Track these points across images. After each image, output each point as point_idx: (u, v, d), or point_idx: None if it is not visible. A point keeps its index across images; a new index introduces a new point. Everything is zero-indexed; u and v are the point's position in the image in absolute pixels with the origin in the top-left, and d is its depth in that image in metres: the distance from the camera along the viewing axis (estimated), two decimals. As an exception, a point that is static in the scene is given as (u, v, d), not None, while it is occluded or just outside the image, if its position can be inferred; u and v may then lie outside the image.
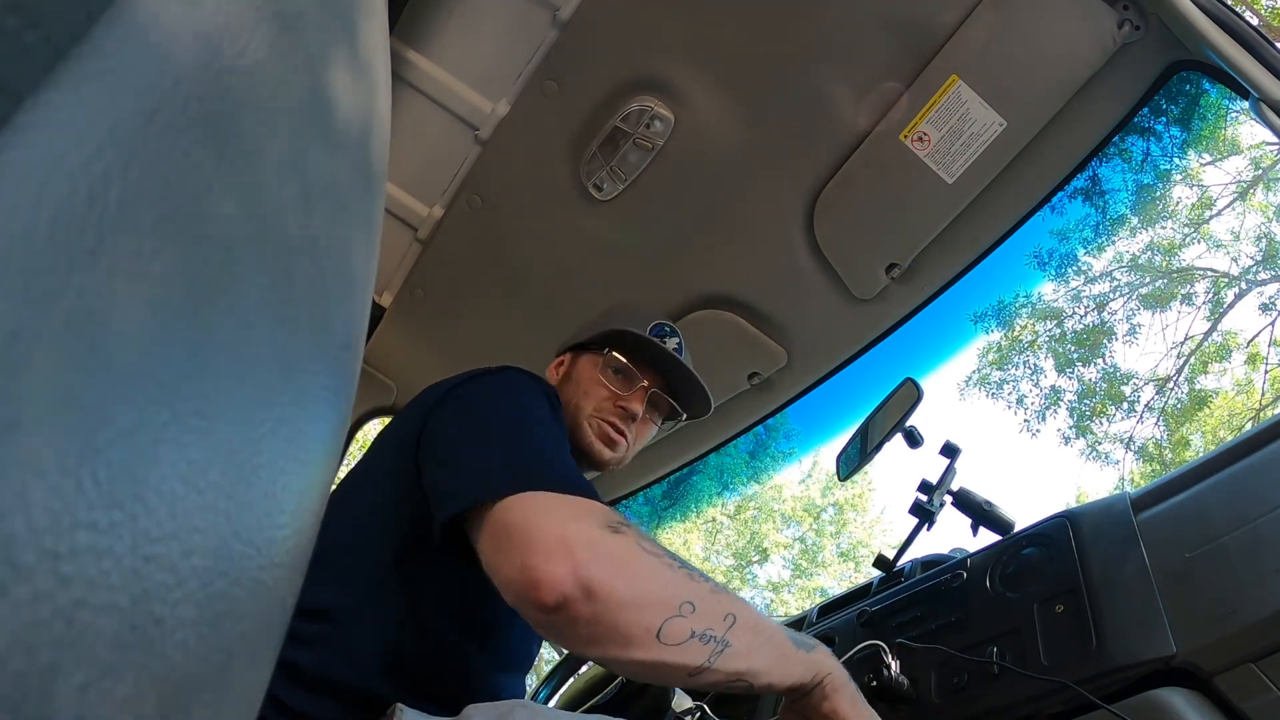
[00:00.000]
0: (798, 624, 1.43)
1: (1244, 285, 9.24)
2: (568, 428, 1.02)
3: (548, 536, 0.61)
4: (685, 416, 1.13)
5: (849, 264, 1.35)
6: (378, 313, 1.64)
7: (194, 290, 0.16)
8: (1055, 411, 10.20)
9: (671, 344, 1.08)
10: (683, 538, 12.62)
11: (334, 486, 0.80)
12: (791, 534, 13.28)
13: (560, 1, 1.19)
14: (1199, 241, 9.62)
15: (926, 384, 1.24)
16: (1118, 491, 1.05)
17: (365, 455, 0.91)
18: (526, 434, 0.76)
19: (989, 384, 10.63)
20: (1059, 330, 10.13)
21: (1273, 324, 8.79)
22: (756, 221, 1.35)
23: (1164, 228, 9.63)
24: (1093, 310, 9.98)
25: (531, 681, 1.27)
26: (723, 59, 1.19)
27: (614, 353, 1.05)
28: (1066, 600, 0.90)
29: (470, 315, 1.61)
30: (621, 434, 1.04)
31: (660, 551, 0.66)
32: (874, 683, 0.96)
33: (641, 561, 0.64)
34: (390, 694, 0.72)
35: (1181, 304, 9.60)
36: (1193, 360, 9.37)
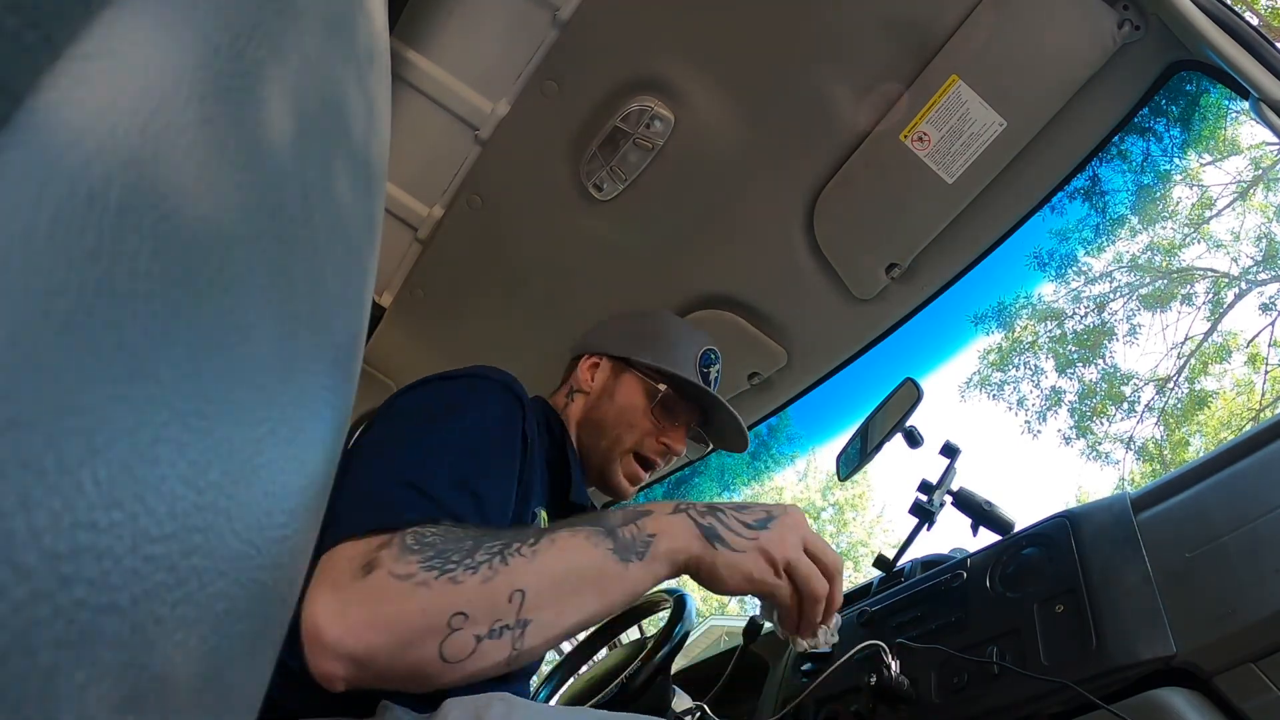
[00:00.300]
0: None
1: (1244, 285, 9.24)
2: (595, 449, 1.02)
3: (305, 625, 0.58)
4: (711, 447, 1.13)
5: (849, 264, 1.35)
6: (378, 313, 1.64)
7: (194, 290, 0.16)
8: (1055, 412, 10.21)
9: (715, 371, 1.08)
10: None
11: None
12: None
13: (560, 1, 1.19)
14: (1199, 241, 9.63)
15: (926, 384, 1.24)
16: (1118, 491, 1.05)
17: (344, 456, 0.90)
18: (401, 454, 0.71)
19: (990, 385, 10.64)
20: (1059, 331, 10.14)
21: (1273, 324, 8.79)
22: (756, 221, 1.35)
23: (1164, 228, 9.63)
24: (1093, 311, 9.99)
25: (533, 681, 1.27)
26: (723, 59, 1.19)
27: (672, 391, 1.04)
28: (1066, 600, 0.90)
29: (470, 315, 1.61)
30: (651, 469, 1.04)
31: (413, 568, 0.60)
32: (874, 683, 0.96)
33: (391, 597, 0.59)
34: (378, 692, 0.72)
35: (1181, 304, 9.61)
36: (1193, 361, 9.37)
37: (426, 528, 0.63)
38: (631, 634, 1.40)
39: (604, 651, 1.35)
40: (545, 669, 1.36)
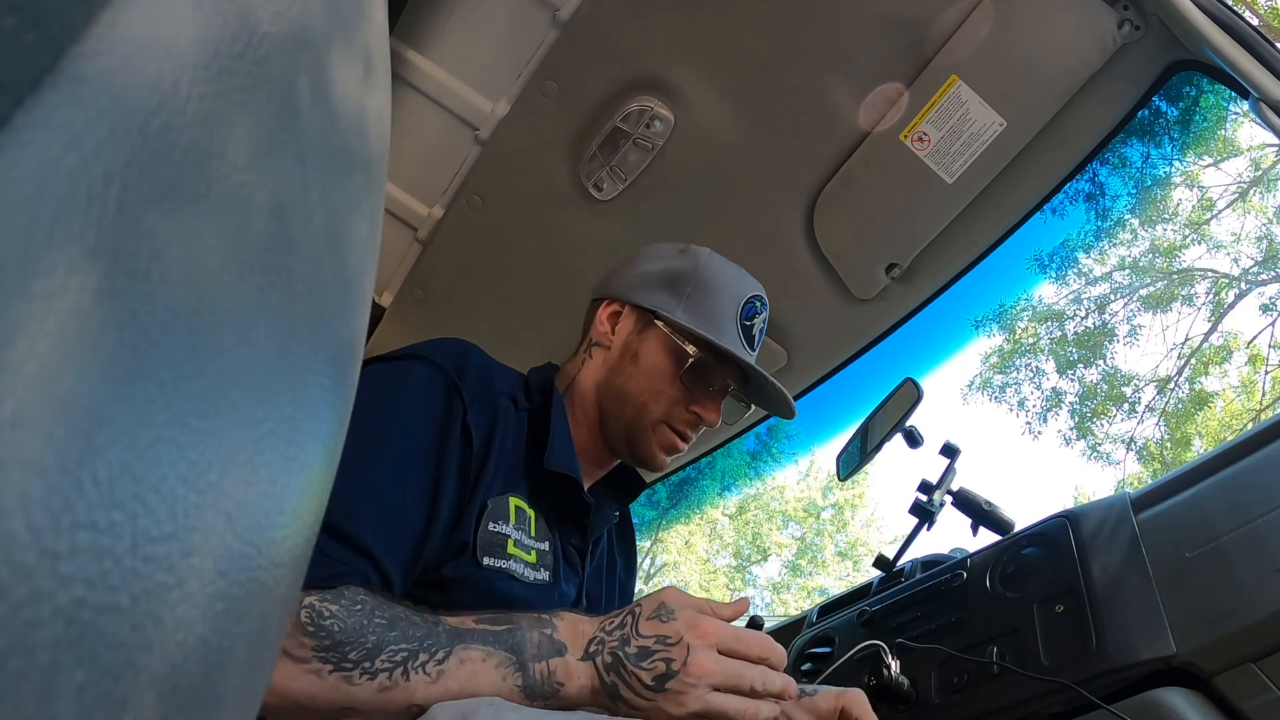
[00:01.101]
0: (797, 624, 1.43)
1: (1244, 286, 9.25)
2: (619, 419, 0.89)
3: None
4: (752, 409, 0.99)
5: (849, 264, 1.35)
6: (378, 313, 1.64)
7: (194, 290, 0.16)
8: (1056, 413, 10.22)
9: (759, 323, 0.95)
10: (684, 538, 12.65)
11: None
12: (790, 534, 13.33)
13: (560, 1, 1.19)
14: (1199, 243, 9.64)
15: (926, 385, 1.24)
16: (1118, 492, 1.05)
17: None
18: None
19: (991, 388, 10.66)
20: (1060, 332, 10.15)
21: (1273, 324, 8.80)
22: (756, 221, 1.35)
23: (1164, 229, 9.64)
24: (1094, 312, 10.00)
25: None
26: (723, 59, 1.19)
27: (705, 355, 0.88)
28: (1066, 600, 0.90)
29: (470, 315, 1.61)
30: (687, 440, 0.92)
31: (307, 653, 0.57)
32: (874, 683, 0.96)
33: (282, 672, 0.57)
34: None
35: (1182, 305, 9.62)
36: (1193, 361, 9.38)
37: (326, 604, 0.60)
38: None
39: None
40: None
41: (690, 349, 0.88)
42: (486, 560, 0.75)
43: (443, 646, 0.61)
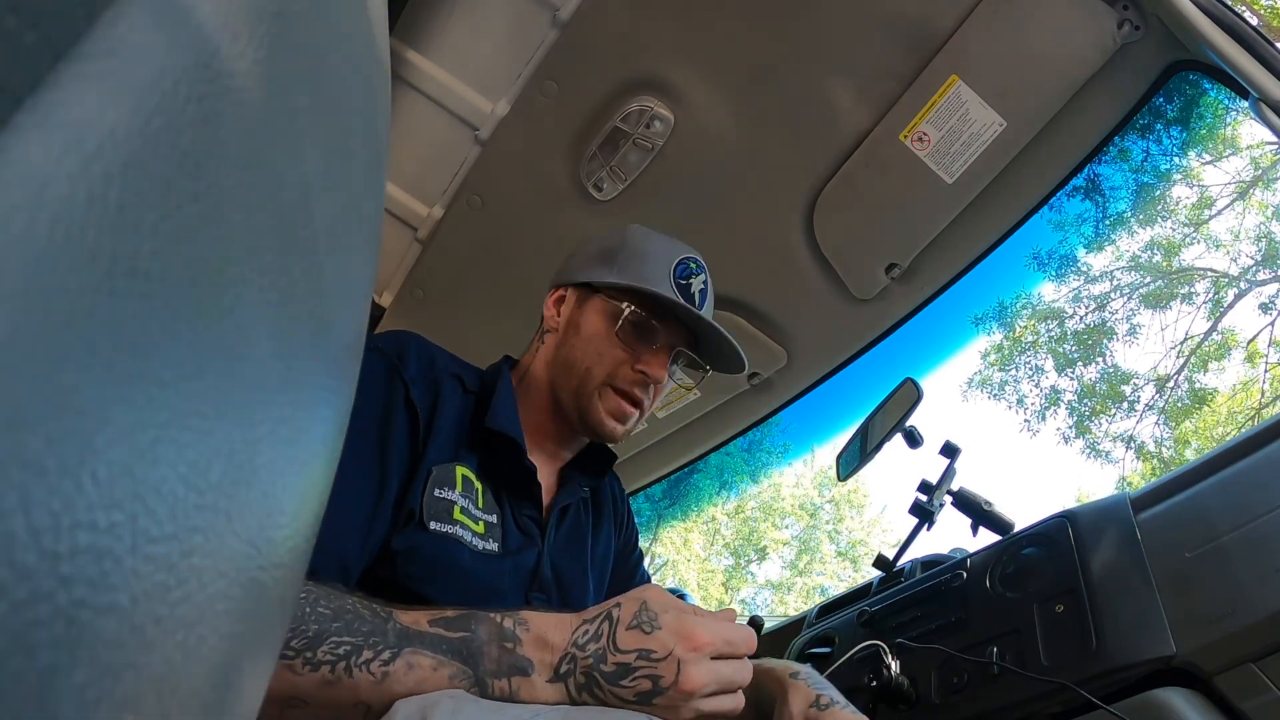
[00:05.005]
0: (797, 624, 1.43)
1: (1243, 285, 9.25)
2: (568, 390, 0.90)
3: None
4: (709, 371, 0.98)
5: (849, 264, 1.35)
6: (378, 313, 1.64)
7: (194, 290, 0.16)
8: (1055, 411, 10.24)
9: (698, 284, 0.93)
10: (683, 536, 12.65)
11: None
12: (789, 533, 13.36)
13: (560, 1, 1.19)
14: (1199, 241, 9.65)
15: (926, 384, 1.24)
16: (1118, 491, 1.05)
17: None
18: None
19: (990, 385, 10.67)
20: (1060, 330, 10.16)
21: (1272, 324, 8.80)
22: (756, 221, 1.35)
23: (1164, 227, 9.65)
24: (1093, 310, 10.01)
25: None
26: (723, 59, 1.19)
27: (635, 308, 0.89)
28: (1066, 600, 0.90)
29: (470, 315, 1.61)
30: (637, 404, 0.90)
31: None
32: (874, 683, 0.96)
33: None
34: None
35: (1182, 304, 9.62)
36: (1193, 360, 9.39)
37: None
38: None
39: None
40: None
41: (624, 306, 0.89)
42: (433, 524, 0.76)
43: (390, 646, 0.58)
